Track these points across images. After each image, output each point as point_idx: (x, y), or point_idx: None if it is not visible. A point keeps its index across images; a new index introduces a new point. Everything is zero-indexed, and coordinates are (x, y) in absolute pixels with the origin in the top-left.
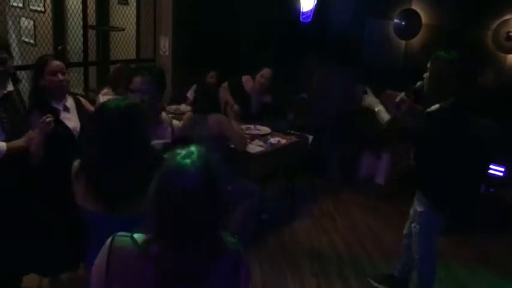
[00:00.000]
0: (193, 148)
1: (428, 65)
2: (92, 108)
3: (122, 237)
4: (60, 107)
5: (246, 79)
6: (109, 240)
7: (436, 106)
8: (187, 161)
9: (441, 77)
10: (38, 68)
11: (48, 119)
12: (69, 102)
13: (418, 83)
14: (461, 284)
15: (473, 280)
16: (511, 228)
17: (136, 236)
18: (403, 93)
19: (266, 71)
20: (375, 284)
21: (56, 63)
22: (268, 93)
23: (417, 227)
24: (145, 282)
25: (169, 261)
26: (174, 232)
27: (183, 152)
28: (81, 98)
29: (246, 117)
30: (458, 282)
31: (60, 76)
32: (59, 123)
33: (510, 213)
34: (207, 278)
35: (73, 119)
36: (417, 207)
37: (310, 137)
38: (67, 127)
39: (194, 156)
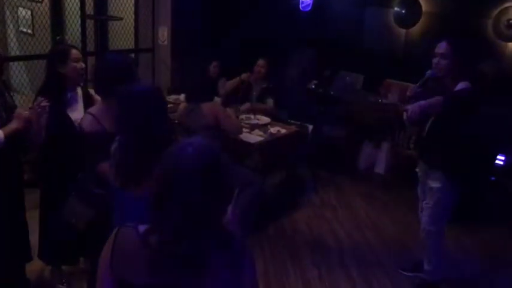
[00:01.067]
0: (196, 137)
1: (443, 50)
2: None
3: (126, 228)
4: (72, 97)
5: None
6: (114, 231)
7: (461, 85)
8: (190, 147)
9: (461, 60)
10: (61, 55)
11: (43, 103)
12: (79, 93)
13: (428, 72)
14: (460, 271)
15: (472, 268)
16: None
17: (140, 226)
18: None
19: (261, 62)
20: (407, 274)
21: (77, 51)
22: (265, 79)
23: (430, 202)
24: (146, 271)
25: (168, 250)
26: (174, 220)
27: (187, 140)
28: (89, 89)
29: (249, 101)
30: (459, 269)
31: (82, 64)
32: (62, 113)
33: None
34: (207, 269)
35: (80, 110)
36: (432, 183)
37: (310, 127)
38: (69, 118)
39: (197, 143)
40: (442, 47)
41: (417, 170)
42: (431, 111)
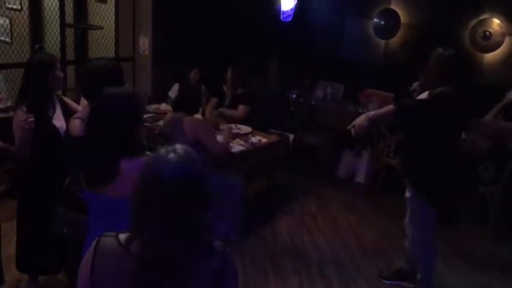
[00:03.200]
0: (178, 146)
1: None
2: (75, 106)
3: (107, 237)
4: (51, 106)
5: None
6: (95, 240)
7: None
8: (172, 155)
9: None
10: (49, 65)
11: (30, 119)
12: (56, 100)
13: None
14: (439, 278)
15: (452, 275)
16: (487, 222)
17: (121, 235)
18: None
19: (230, 70)
20: (387, 282)
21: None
22: (237, 87)
23: (408, 212)
24: (126, 281)
25: (148, 258)
26: (155, 227)
27: (169, 148)
28: (63, 97)
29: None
30: (437, 276)
31: (61, 73)
32: (48, 123)
33: (487, 208)
34: (189, 278)
35: (60, 118)
36: (406, 193)
37: (291, 136)
38: (55, 127)
39: (178, 151)
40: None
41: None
42: (387, 119)
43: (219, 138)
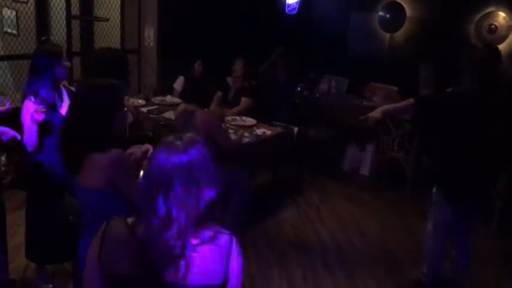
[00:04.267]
0: (187, 134)
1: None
2: None
3: (115, 221)
4: (59, 96)
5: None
6: (104, 224)
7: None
8: (178, 142)
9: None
10: (56, 56)
11: (42, 110)
12: (63, 91)
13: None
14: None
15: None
16: (491, 217)
17: (129, 219)
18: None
19: (237, 62)
20: None
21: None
22: (242, 80)
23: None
24: (133, 262)
25: (153, 241)
26: (160, 212)
27: (177, 135)
28: (72, 89)
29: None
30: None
31: (68, 63)
32: (55, 113)
33: (492, 204)
34: (192, 262)
35: (66, 108)
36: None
37: (296, 129)
38: (62, 117)
39: (186, 138)
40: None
41: None
42: (405, 113)
43: (233, 135)
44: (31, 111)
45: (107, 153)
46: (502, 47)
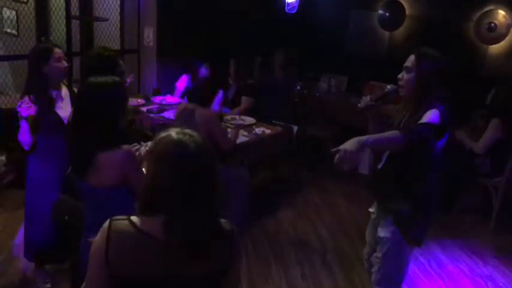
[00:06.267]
0: (186, 130)
1: (409, 64)
2: None
3: (119, 221)
4: (57, 96)
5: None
6: (106, 224)
7: (431, 115)
8: (186, 137)
9: (430, 80)
10: (43, 55)
11: (24, 105)
12: (64, 91)
13: (389, 87)
14: (441, 269)
15: (454, 266)
16: (490, 213)
17: (133, 218)
18: (390, 86)
19: (231, 62)
20: None
21: (59, 50)
22: (240, 79)
23: (379, 255)
24: (147, 262)
25: (174, 241)
26: (174, 210)
27: (177, 129)
28: (74, 89)
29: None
30: (439, 267)
31: (64, 63)
32: (50, 112)
33: (490, 199)
34: (208, 258)
35: (66, 108)
36: (380, 231)
37: (295, 128)
38: (58, 116)
39: (189, 133)
40: (409, 60)
41: (371, 210)
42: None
43: (229, 134)
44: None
45: (117, 151)
46: (501, 45)
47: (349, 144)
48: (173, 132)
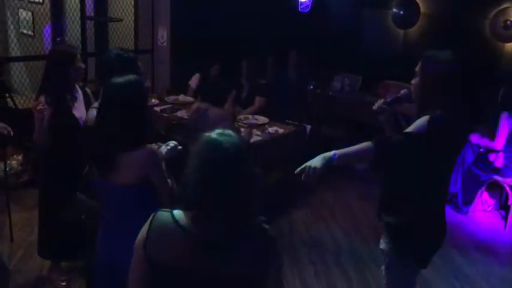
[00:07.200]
0: (224, 130)
1: (417, 69)
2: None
3: (163, 213)
4: (74, 96)
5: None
6: (152, 215)
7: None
8: (223, 137)
9: (432, 83)
10: (70, 57)
11: (40, 107)
12: (79, 91)
13: (404, 91)
14: (457, 270)
15: (469, 266)
16: (506, 213)
17: (175, 211)
18: (404, 90)
19: (244, 63)
20: None
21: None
22: (252, 79)
23: (382, 267)
24: (182, 254)
25: (202, 234)
26: (208, 206)
27: (217, 131)
28: (87, 90)
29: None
30: (454, 268)
31: (83, 64)
32: (67, 113)
33: (506, 198)
34: (237, 255)
35: (80, 109)
36: (381, 243)
37: (308, 127)
38: (75, 117)
39: (228, 134)
40: (418, 64)
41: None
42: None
43: (242, 133)
44: (33, 107)
45: (142, 150)
46: None
47: (314, 162)
48: (213, 133)
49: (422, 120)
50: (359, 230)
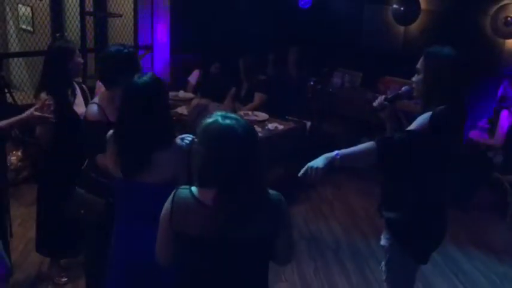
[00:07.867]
0: (230, 113)
1: (419, 65)
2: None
3: (183, 190)
4: (73, 91)
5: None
6: (173, 192)
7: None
8: (232, 121)
9: (436, 79)
10: (69, 51)
11: (48, 102)
12: (77, 87)
13: (404, 88)
14: (456, 267)
15: (469, 263)
16: (505, 210)
17: (193, 188)
18: (405, 87)
19: (241, 61)
20: None
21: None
22: (251, 76)
23: (382, 263)
24: (202, 225)
25: (219, 207)
26: (226, 183)
27: (221, 114)
28: (84, 86)
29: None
30: (454, 265)
31: (81, 59)
32: (68, 109)
33: (505, 196)
34: (252, 222)
35: (81, 105)
36: (382, 240)
37: (308, 123)
38: (75, 113)
39: (234, 117)
40: (419, 61)
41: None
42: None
43: None
44: (38, 105)
45: (175, 147)
46: None
47: (317, 162)
48: (219, 118)
49: (424, 117)
50: (358, 226)
